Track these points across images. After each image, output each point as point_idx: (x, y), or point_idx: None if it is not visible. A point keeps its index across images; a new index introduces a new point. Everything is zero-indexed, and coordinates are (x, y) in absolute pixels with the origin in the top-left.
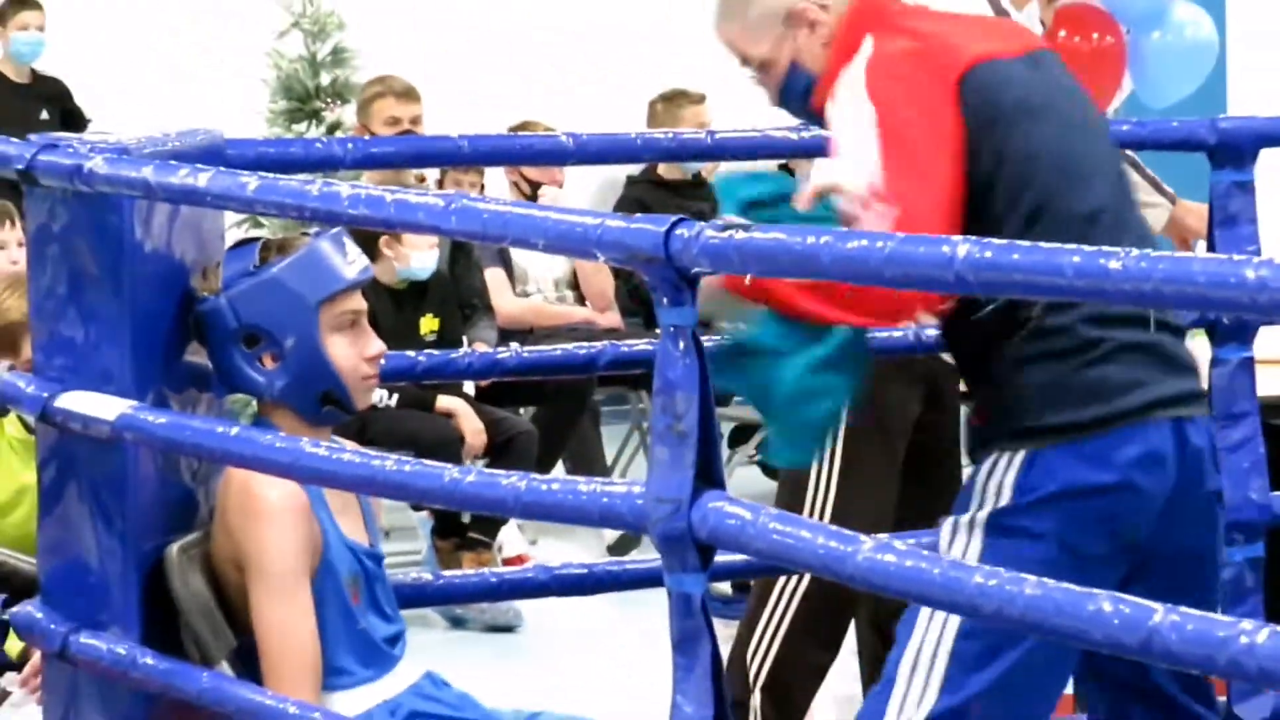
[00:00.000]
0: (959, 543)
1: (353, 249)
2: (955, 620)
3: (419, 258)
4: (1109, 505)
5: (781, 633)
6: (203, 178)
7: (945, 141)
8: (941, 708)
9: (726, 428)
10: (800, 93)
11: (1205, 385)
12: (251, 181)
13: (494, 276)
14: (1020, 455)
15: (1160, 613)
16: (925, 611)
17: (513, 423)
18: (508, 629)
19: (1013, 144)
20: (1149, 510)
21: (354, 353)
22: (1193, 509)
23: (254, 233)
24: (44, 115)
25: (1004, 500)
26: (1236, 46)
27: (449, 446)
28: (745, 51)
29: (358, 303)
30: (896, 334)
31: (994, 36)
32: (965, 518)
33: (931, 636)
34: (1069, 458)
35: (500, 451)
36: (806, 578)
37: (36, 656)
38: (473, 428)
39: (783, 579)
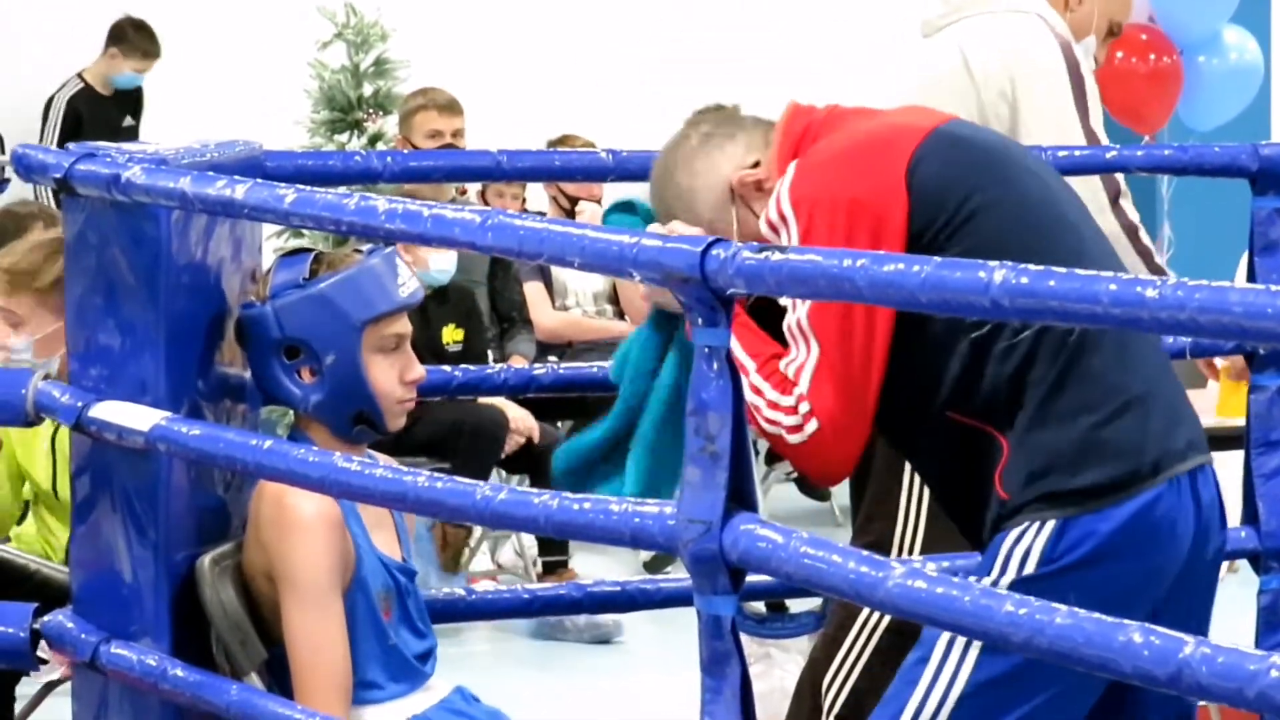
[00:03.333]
0: None
1: (404, 271)
2: (954, 695)
3: (437, 260)
4: (1133, 572)
5: (862, 663)
6: (240, 189)
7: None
8: None
9: (763, 445)
10: None
11: (1203, 431)
12: (289, 194)
13: (533, 290)
14: (1051, 524)
15: (1191, 645)
16: (922, 686)
17: (544, 435)
18: (605, 640)
19: (988, 204)
20: (1169, 572)
21: (393, 375)
22: (1203, 564)
23: (293, 244)
24: (127, 121)
25: (1028, 569)
26: None
27: (493, 430)
28: (717, 232)
29: (403, 325)
30: None
31: (923, 116)
32: (986, 581)
33: (928, 710)
34: (1099, 524)
35: (535, 466)
36: None
37: None
38: (516, 413)
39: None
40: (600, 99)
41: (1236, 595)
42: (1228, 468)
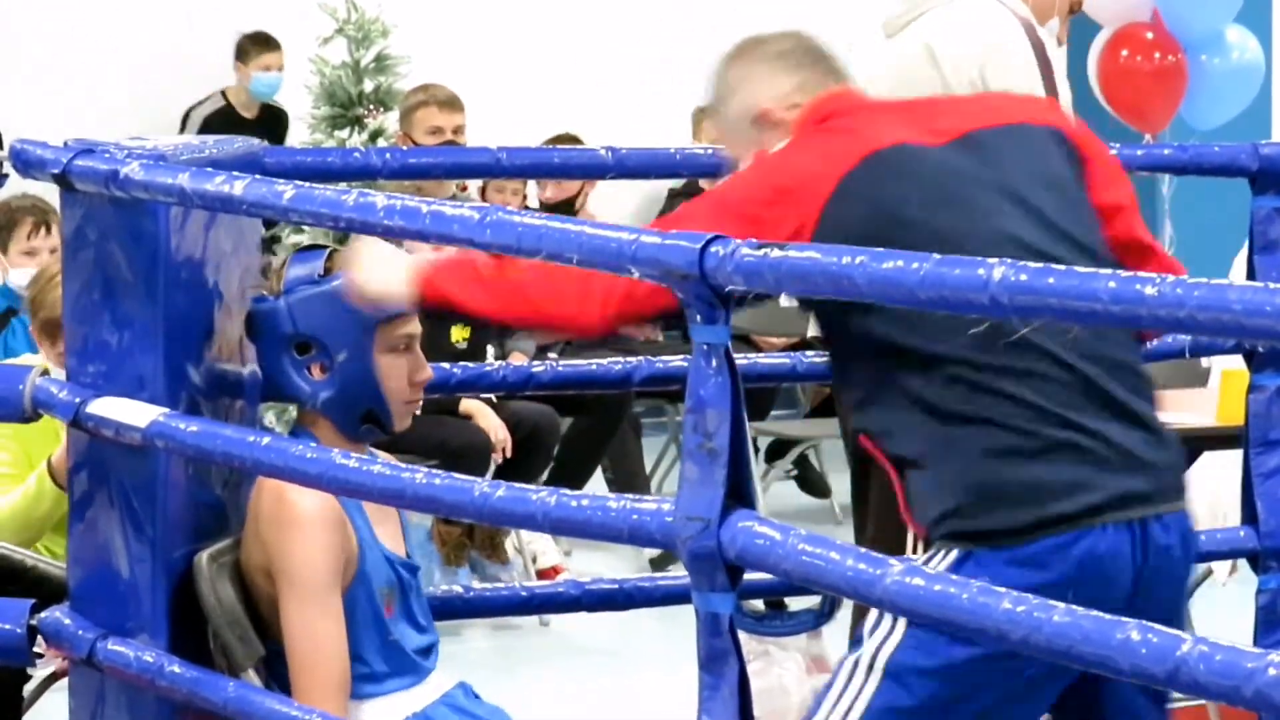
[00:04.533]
0: (882, 627)
1: None
2: (861, 705)
3: None
4: None
5: None
6: (238, 186)
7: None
8: None
9: (763, 442)
10: None
11: (1177, 478)
12: (287, 190)
13: None
14: (954, 553)
15: (1189, 643)
16: (825, 707)
17: (529, 413)
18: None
19: (905, 225)
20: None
21: (403, 376)
22: (1155, 609)
23: (293, 239)
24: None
25: None
26: None
27: (479, 451)
28: (730, 151)
29: (414, 326)
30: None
31: (925, 124)
32: None
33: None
34: (1002, 562)
35: (525, 447)
36: None
37: None
38: (492, 425)
39: None
40: (600, 98)
41: (1235, 594)
42: (1228, 468)
